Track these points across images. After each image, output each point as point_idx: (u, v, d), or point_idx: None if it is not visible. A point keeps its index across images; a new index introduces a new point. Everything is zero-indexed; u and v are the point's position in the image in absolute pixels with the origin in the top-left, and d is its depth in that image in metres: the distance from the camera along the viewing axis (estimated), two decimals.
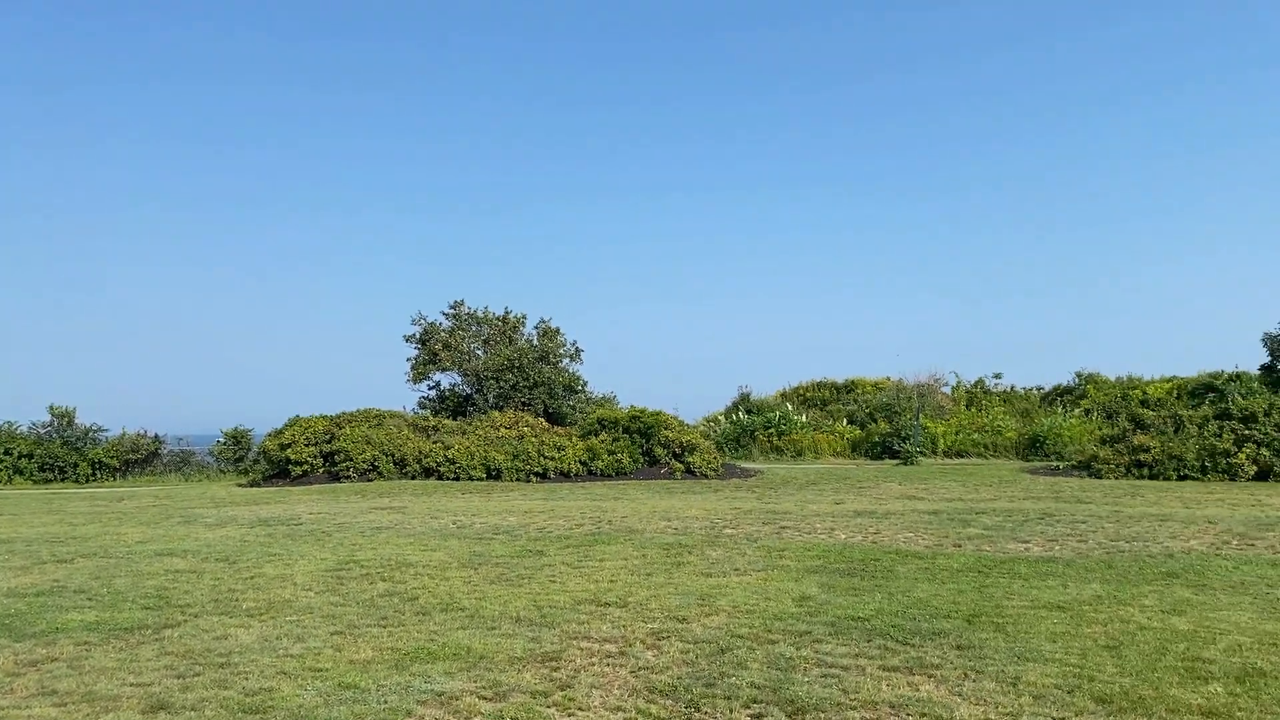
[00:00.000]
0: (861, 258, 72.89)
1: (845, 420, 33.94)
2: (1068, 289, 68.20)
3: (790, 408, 34.98)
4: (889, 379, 37.92)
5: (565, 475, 23.98)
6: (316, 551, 11.41)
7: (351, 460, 23.85)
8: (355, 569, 10.09)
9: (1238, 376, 31.94)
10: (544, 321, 33.25)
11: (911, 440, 28.45)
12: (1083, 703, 5.31)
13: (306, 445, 24.43)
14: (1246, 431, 22.08)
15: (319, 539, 12.56)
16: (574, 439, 25.13)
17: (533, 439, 24.68)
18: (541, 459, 23.95)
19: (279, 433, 25.51)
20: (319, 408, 27.14)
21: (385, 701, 5.45)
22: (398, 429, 25.50)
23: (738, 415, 34.38)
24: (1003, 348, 73.80)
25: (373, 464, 23.97)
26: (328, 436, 24.72)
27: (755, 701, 5.41)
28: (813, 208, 72.07)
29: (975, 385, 37.65)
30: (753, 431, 31.76)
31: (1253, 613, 7.52)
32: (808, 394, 39.19)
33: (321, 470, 24.23)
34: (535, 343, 32.95)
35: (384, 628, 7.34)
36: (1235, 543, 11.27)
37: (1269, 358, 28.81)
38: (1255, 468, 21.34)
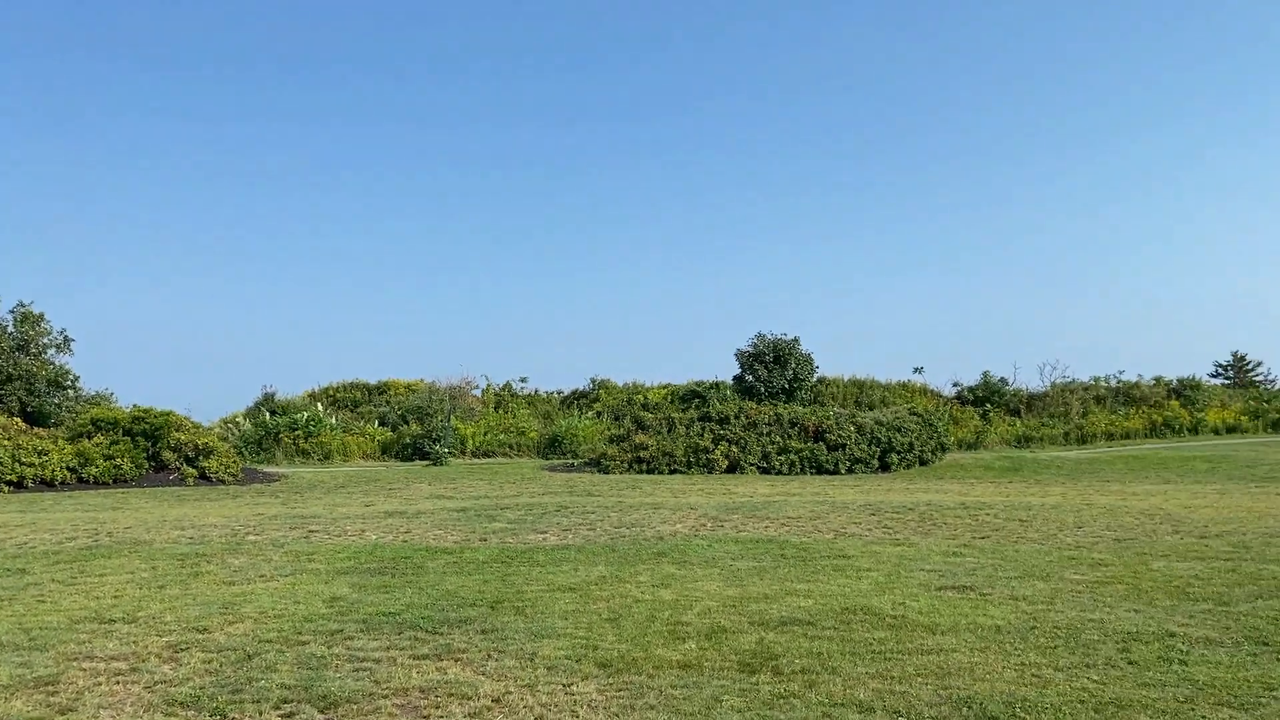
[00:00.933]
0: (395, 257, 72.65)
1: (377, 422, 33.77)
2: (584, 300, 74.22)
3: (321, 409, 33.94)
4: (422, 381, 38.48)
5: (48, 484, 20.93)
6: None
7: None
8: None
9: (717, 385, 37.39)
10: (23, 305, 28.76)
11: (442, 442, 29.18)
12: (588, 669, 6.06)
13: None
14: (722, 432, 26.01)
15: None
16: (60, 442, 22.03)
17: (5, 442, 21.17)
18: (17, 465, 20.65)
19: None
20: None
21: None
22: None
23: (261, 416, 32.56)
24: (529, 353, 78.36)
25: None
26: None
27: (286, 701, 5.38)
28: (341, 203, 70.24)
29: (504, 389, 39.62)
30: (277, 434, 30.30)
31: (720, 582, 9.04)
32: (339, 395, 38.32)
33: None
34: (12, 330, 28.36)
35: None
36: (709, 525, 13.33)
37: (740, 370, 34.18)
38: (727, 462, 25.23)
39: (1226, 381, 48.21)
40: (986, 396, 39.04)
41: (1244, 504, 15.58)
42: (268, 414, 32.73)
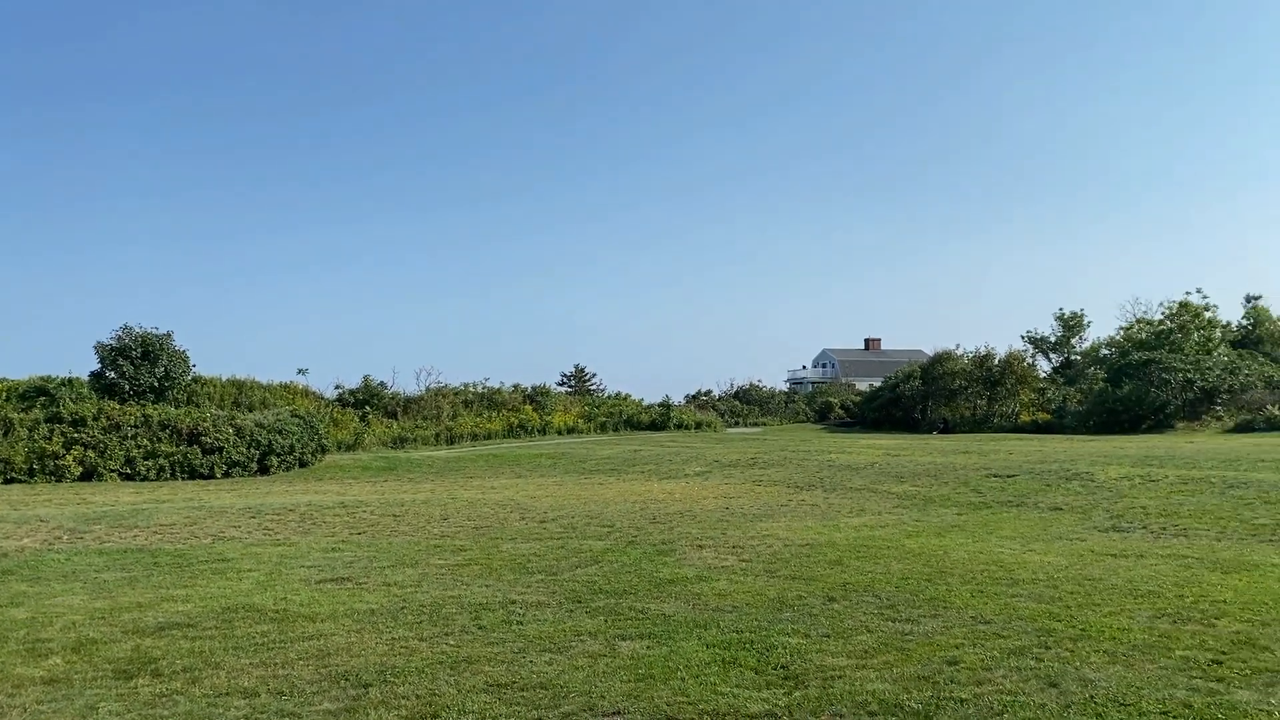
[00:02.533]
0: None
1: None
2: None
3: None
4: None
5: None
6: None
7: None
8: None
9: (70, 382, 33.02)
10: None
11: None
12: None
13: None
14: (76, 434, 23.23)
15: None
16: None
17: None
18: None
19: None
20: None
21: None
22: None
23: None
24: None
25: None
26: None
27: None
28: None
29: None
30: None
31: (85, 596, 8.46)
32: None
33: None
34: None
35: None
36: (66, 538, 12.12)
37: (100, 365, 30.64)
38: (82, 468, 22.62)
39: (570, 389, 56.54)
40: (367, 399, 40.47)
41: (575, 493, 18.76)
42: None
